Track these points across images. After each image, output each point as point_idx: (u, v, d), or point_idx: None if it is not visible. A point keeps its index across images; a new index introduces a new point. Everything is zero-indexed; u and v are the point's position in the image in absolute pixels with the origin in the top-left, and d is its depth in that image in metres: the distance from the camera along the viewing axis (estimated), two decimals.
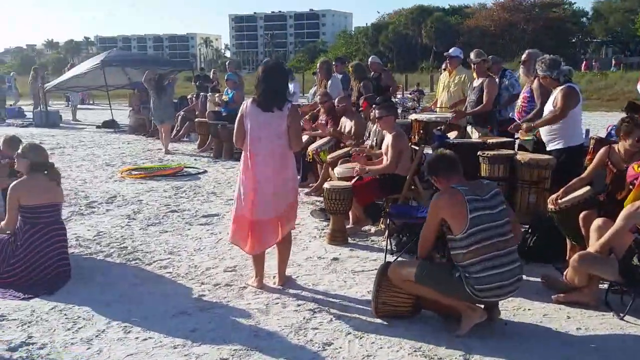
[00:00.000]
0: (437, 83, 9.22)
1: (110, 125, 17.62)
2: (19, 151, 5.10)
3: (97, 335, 4.02)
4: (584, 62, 42.15)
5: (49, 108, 20.16)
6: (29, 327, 4.15)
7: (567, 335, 3.99)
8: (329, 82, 9.97)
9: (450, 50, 8.92)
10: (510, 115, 7.91)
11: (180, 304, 4.52)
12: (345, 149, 7.56)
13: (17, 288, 4.73)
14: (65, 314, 4.35)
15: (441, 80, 9.15)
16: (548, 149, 5.97)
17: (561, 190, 4.95)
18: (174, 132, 14.32)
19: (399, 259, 5.09)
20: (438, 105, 8.85)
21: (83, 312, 4.39)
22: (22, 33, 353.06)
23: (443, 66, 8.99)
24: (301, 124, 5.35)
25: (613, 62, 45.14)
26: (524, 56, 7.62)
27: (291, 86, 12.91)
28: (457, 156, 4.16)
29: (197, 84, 17.79)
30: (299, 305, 4.48)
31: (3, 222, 4.97)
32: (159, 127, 13.01)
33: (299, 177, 8.53)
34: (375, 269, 4.44)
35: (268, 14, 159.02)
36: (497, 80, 8.13)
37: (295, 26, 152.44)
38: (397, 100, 11.37)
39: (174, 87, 14.16)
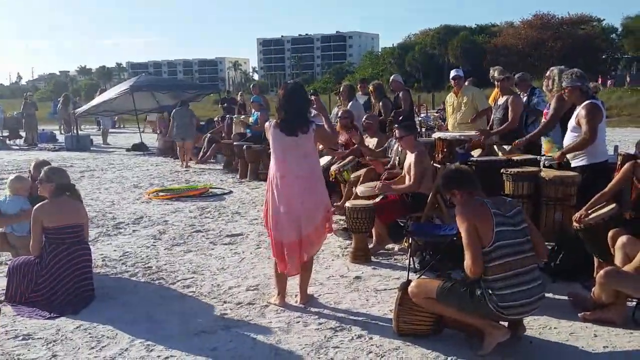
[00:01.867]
0: (445, 106, 9.18)
1: (139, 148, 17.91)
2: (42, 175, 5.20)
3: (120, 354, 4.06)
4: (600, 78, 40.37)
5: (80, 132, 20.59)
6: (54, 345, 4.21)
7: (593, 354, 3.90)
8: (350, 104, 10.03)
9: (452, 73, 8.90)
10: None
11: (202, 322, 4.54)
12: (368, 168, 7.55)
13: (42, 307, 4.81)
14: (89, 333, 4.41)
15: (448, 102, 9.11)
16: (572, 165, 5.88)
17: (585, 207, 4.87)
18: (201, 153, 14.52)
19: (422, 277, 5.05)
20: (450, 127, 8.78)
21: (107, 330, 4.44)
22: (55, 60, 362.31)
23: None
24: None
25: (628, 79, 43.19)
26: (548, 72, 7.55)
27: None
28: (470, 169, 4.14)
29: (223, 106, 18.05)
30: (320, 323, 4.47)
31: (30, 246, 5.07)
32: (180, 144, 13.83)
33: None
34: (398, 288, 4.40)
35: (295, 36, 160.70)
36: (524, 97, 8.09)
37: (322, 48, 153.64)
38: (420, 119, 11.39)
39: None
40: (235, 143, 12.52)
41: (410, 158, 6.36)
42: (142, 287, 5.42)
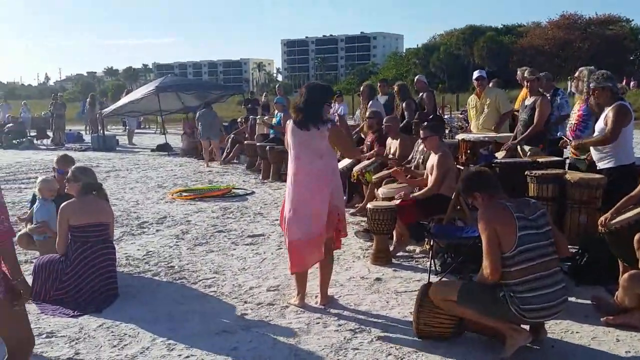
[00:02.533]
0: (467, 107, 9.04)
1: (164, 148, 18.09)
2: (70, 175, 5.29)
3: (141, 352, 4.10)
4: (624, 79, 38.44)
5: (106, 133, 20.87)
6: (76, 343, 4.27)
7: (616, 358, 3.84)
8: (369, 103, 10.01)
9: (475, 73, 8.80)
10: (559, 135, 7.71)
11: (223, 322, 4.57)
12: (390, 170, 7.53)
13: (66, 305, 4.89)
14: (112, 331, 4.46)
15: (470, 104, 9.00)
16: (598, 167, 5.79)
17: (611, 210, 4.79)
18: (224, 154, 14.63)
19: (443, 279, 5.02)
20: (473, 130, 8.66)
21: (129, 329, 4.49)
22: (82, 61, 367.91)
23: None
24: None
25: (632, 82, 38.66)
26: (576, 73, 7.43)
27: (340, 107, 13.03)
28: (491, 172, 4.11)
29: (247, 107, 18.17)
30: (340, 325, 4.46)
31: (55, 244, 5.16)
32: (206, 144, 14.17)
33: (345, 197, 8.54)
34: (419, 290, 4.38)
35: (319, 37, 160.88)
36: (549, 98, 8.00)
37: (346, 49, 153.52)
38: (445, 120, 11.32)
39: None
40: (258, 144, 12.59)
41: (433, 159, 6.32)
42: (165, 287, 5.47)
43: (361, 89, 10.96)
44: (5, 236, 2.88)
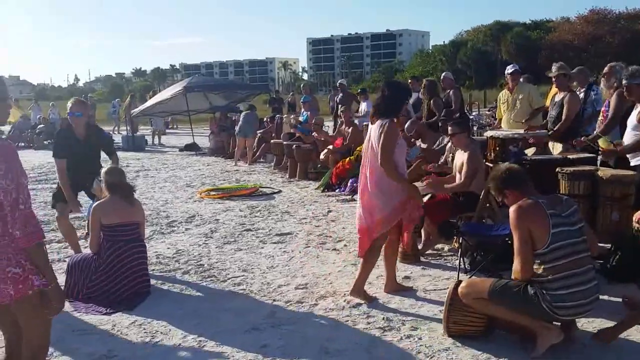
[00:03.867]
0: (498, 102, 8.91)
1: (192, 148, 18.25)
2: (100, 177, 5.39)
3: (173, 349, 4.16)
4: None
5: (135, 133, 21.13)
6: (110, 340, 4.35)
7: None
8: (432, 101, 9.90)
9: (508, 68, 8.70)
10: (590, 132, 7.58)
11: (252, 320, 4.60)
12: (415, 165, 7.49)
13: (99, 303, 4.97)
14: (144, 328, 4.53)
15: (501, 99, 8.88)
16: (632, 164, 5.69)
17: None
18: (251, 153, 14.72)
19: (473, 277, 4.98)
20: (504, 125, 8.56)
21: (161, 326, 4.56)
22: (111, 62, 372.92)
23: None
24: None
25: None
26: (605, 69, 7.32)
27: (364, 105, 13.02)
28: (521, 169, 4.07)
29: (273, 106, 18.25)
30: (369, 323, 4.47)
31: (89, 242, 5.26)
32: (242, 141, 14.28)
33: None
34: (447, 288, 4.36)
35: (345, 36, 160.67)
36: (581, 93, 7.88)
37: (372, 47, 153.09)
38: (472, 117, 11.21)
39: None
40: (285, 142, 12.63)
41: (462, 156, 6.27)
42: (194, 285, 5.54)
43: (423, 84, 10.81)
44: (32, 239, 2.78)
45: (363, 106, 12.98)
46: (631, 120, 5.62)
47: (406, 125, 8.32)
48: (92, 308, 4.91)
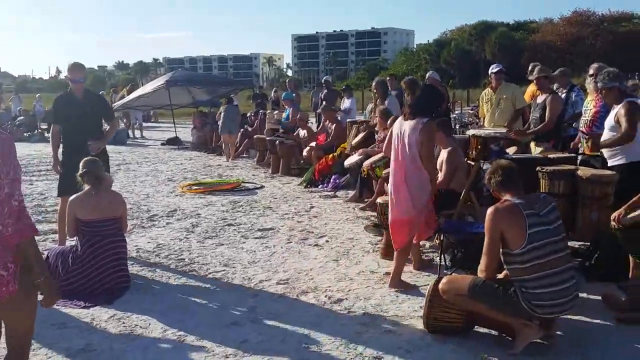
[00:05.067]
0: (480, 101, 8.94)
1: (174, 142, 18.13)
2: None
3: (152, 344, 4.13)
4: None
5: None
6: (89, 334, 4.31)
7: (627, 353, 3.83)
8: (387, 101, 9.93)
9: (493, 67, 8.75)
10: (570, 133, 7.65)
11: (233, 314, 4.59)
12: None
13: (78, 297, 4.91)
14: (123, 322, 4.49)
15: (484, 98, 8.92)
16: (609, 164, 5.75)
17: (624, 206, 4.75)
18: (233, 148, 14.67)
19: (454, 274, 5.00)
20: (486, 124, 8.60)
21: (140, 320, 4.52)
22: (94, 55, 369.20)
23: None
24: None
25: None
26: (591, 70, 7.35)
27: (348, 102, 13.02)
28: (515, 167, 4.07)
29: (256, 102, 18.19)
30: (350, 318, 4.47)
31: (66, 229, 5.21)
32: (226, 138, 14.11)
33: (355, 191, 8.56)
34: (428, 285, 4.38)
35: (330, 33, 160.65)
36: (562, 94, 7.93)
37: (357, 44, 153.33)
38: (454, 115, 11.26)
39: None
40: (267, 138, 12.60)
41: (443, 155, 6.32)
42: (175, 279, 5.50)
43: (374, 85, 10.86)
44: (24, 234, 2.74)
45: (347, 103, 12.98)
46: (608, 122, 5.67)
47: (388, 122, 8.32)
48: (70, 302, 4.84)
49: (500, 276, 4.02)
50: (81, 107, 6.06)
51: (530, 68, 8.06)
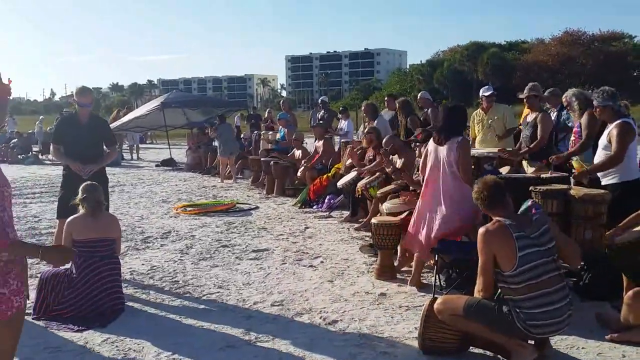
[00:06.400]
0: (471, 122, 9.01)
1: (169, 163, 18.14)
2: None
3: None
4: None
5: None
6: (82, 357, 4.28)
7: None
8: (375, 122, 10.03)
9: (483, 90, 8.85)
10: (561, 150, 7.70)
11: (227, 337, 4.57)
12: (394, 185, 7.54)
13: (71, 320, 4.87)
14: (116, 346, 4.46)
15: (475, 119, 8.98)
16: (603, 183, 5.79)
17: (618, 226, 4.78)
18: (227, 169, 14.66)
19: (448, 294, 5.00)
20: (477, 145, 8.64)
21: (134, 344, 4.49)
22: (88, 77, 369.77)
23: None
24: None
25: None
26: (563, 100, 7.40)
27: (344, 123, 13.09)
28: (502, 183, 4.10)
29: (251, 123, 18.26)
30: (345, 340, 4.45)
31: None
32: (225, 159, 13.92)
33: (348, 212, 8.54)
34: (423, 305, 4.37)
35: (323, 54, 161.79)
36: (553, 114, 8.00)
37: (350, 65, 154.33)
38: None
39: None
40: (262, 159, 12.62)
41: None
42: (169, 301, 5.47)
43: (362, 107, 10.99)
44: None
45: (344, 124, 13.05)
46: (602, 141, 5.73)
47: (384, 140, 8.39)
48: (64, 325, 4.81)
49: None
50: (83, 130, 6.10)
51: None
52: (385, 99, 12.10)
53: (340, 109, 15.06)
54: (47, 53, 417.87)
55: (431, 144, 5.57)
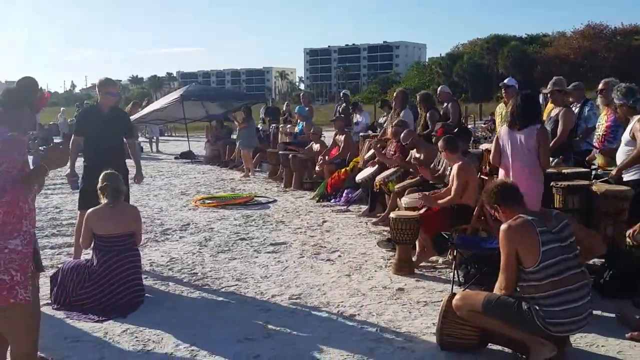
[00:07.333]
0: (496, 117, 8.93)
1: (187, 156, 18.23)
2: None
3: (165, 358, 4.14)
4: None
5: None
6: (102, 348, 4.33)
7: None
8: (402, 112, 9.95)
9: (506, 81, 8.73)
10: (584, 147, 7.60)
11: (245, 329, 4.59)
12: (412, 180, 7.52)
13: (91, 311, 4.94)
14: (136, 337, 4.51)
15: (498, 112, 8.90)
16: (625, 179, 5.72)
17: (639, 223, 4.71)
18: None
19: (467, 290, 4.98)
20: None
21: (153, 335, 4.53)
22: (108, 69, 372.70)
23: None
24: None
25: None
26: (600, 85, 7.34)
27: (361, 117, 13.05)
28: (510, 182, 4.09)
29: (269, 119, 18.28)
30: (362, 334, 4.46)
31: (80, 240, 5.26)
32: (246, 152, 13.79)
33: (367, 206, 8.54)
34: (441, 301, 4.36)
35: (342, 46, 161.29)
36: (576, 108, 7.88)
37: (369, 58, 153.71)
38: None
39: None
40: (280, 152, 12.63)
41: (453, 170, 6.33)
42: (188, 293, 5.52)
43: (395, 95, 10.85)
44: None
45: (360, 118, 13.01)
46: (625, 137, 5.66)
47: (402, 135, 8.33)
48: (84, 315, 4.87)
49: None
50: (105, 122, 6.18)
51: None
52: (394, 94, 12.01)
53: (352, 104, 14.98)
54: (67, 46, 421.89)
55: (504, 132, 5.58)
